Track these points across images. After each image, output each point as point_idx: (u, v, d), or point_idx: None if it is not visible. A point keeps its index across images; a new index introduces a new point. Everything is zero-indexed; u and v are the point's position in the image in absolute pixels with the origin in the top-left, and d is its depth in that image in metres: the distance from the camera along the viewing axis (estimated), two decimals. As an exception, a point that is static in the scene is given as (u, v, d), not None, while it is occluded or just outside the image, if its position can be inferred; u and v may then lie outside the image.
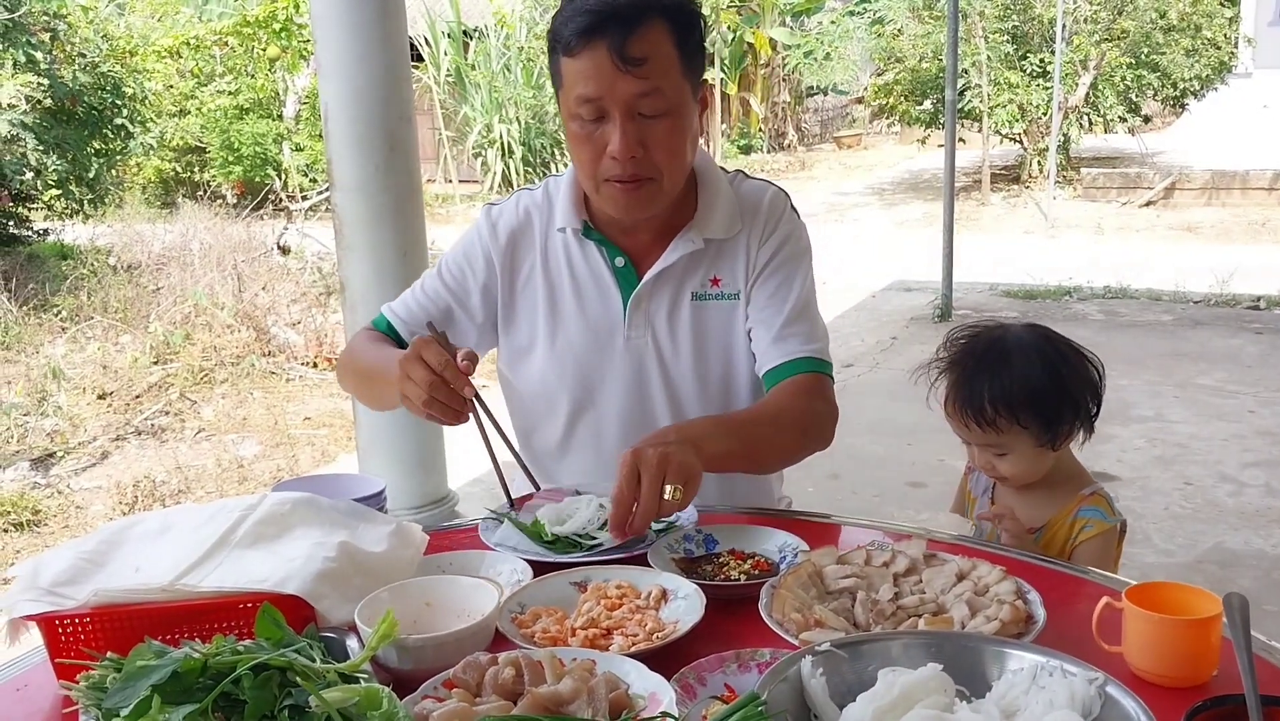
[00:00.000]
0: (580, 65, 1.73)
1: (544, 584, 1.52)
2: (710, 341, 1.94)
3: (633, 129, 1.74)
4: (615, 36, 1.69)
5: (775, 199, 1.98)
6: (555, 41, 1.77)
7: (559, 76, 1.79)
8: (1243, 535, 4.26)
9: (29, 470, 5.31)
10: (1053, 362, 1.84)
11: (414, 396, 1.65)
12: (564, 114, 1.82)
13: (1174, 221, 11.41)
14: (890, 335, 7.49)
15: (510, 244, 1.98)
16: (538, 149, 15.40)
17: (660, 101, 1.74)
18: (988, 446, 1.86)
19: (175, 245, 9.04)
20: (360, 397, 2.16)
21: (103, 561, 1.42)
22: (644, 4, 1.72)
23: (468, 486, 4.56)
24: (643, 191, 1.80)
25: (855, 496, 4.42)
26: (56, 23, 9.29)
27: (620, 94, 1.72)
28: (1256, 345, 6.91)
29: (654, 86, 1.73)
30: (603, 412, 1.96)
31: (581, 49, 1.72)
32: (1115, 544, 1.89)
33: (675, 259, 1.90)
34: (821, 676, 1.15)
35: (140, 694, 1.07)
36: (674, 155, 1.80)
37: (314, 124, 12.29)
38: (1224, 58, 13.42)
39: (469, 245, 2.01)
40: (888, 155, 18.07)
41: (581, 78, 1.73)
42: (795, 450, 1.90)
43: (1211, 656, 1.28)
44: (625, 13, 1.71)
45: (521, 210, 1.99)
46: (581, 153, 1.80)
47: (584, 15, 1.71)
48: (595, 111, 1.74)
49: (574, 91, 1.75)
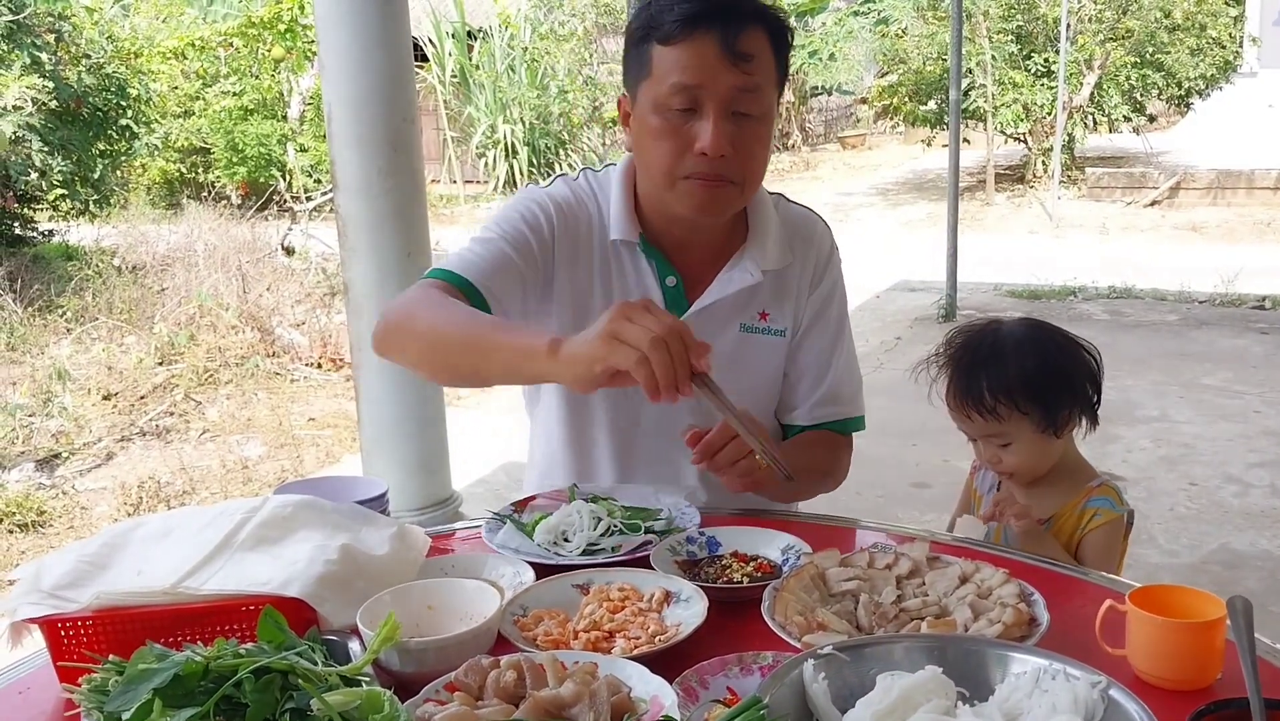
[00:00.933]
0: (681, 53, 1.68)
1: (546, 586, 1.51)
2: (750, 375, 1.91)
3: (726, 126, 1.68)
4: (725, 28, 1.66)
5: (824, 235, 1.97)
6: (649, 29, 1.71)
7: (646, 65, 1.72)
8: (1248, 536, 4.25)
9: (34, 471, 5.32)
10: (1047, 349, 1.89)
11: (636, 339, 1.33)
12: (644, 106, 1.73)
13: (1179, 221, 11.40)
14: (895, 335, 7.48)
15: (569, 232, 1.86)
16: (542, 149, 15.41)
17: (759, 102, 1.71)
18: (991, 438, 1.88)
19: (180, 246, 9.05)
20: (432, 365, 1.71)
21: (105, 564, 1.42)
22: (750, 7, 1.70)
23: (471, 488, 4.56)
24: (723, 192, 1.73)
25: (859, 498, 4.42)
26: (61, 24, 9.31)
27: (722, 85, 1.67)
28: (1262, 345, 6.90)
29: (756, 84, 1.69)
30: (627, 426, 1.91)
31: (685, 37, 1.67)
32: (1123, 534, 1.91)
33: (731, 291, 1.86)
34: (824, 681, 1.14)
35: (142, 697, 1.07)
36: (758, 163, 1.76)
37: (318, 125, 12.29)
38: (1229, 57, 13.42)
39: (526, 210, 1.85)
40: (892, 155, 18.06)
41: (680, 66, 1.67)
42: (812, 490, 1.99)
43: (1215, 660, 1.27)
44: (734, 6, 1.68)
45: (576, 200, 1.89)
46: (661, 146, 1.72)
47: (690, 3, 1.67)
48: (688, 101, 1.68)
49: (669, 80, 1.68)
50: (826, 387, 1.94)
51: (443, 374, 1.78)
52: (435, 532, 1.78)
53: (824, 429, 1.96)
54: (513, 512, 1.78)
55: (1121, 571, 1.90)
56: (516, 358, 1.51)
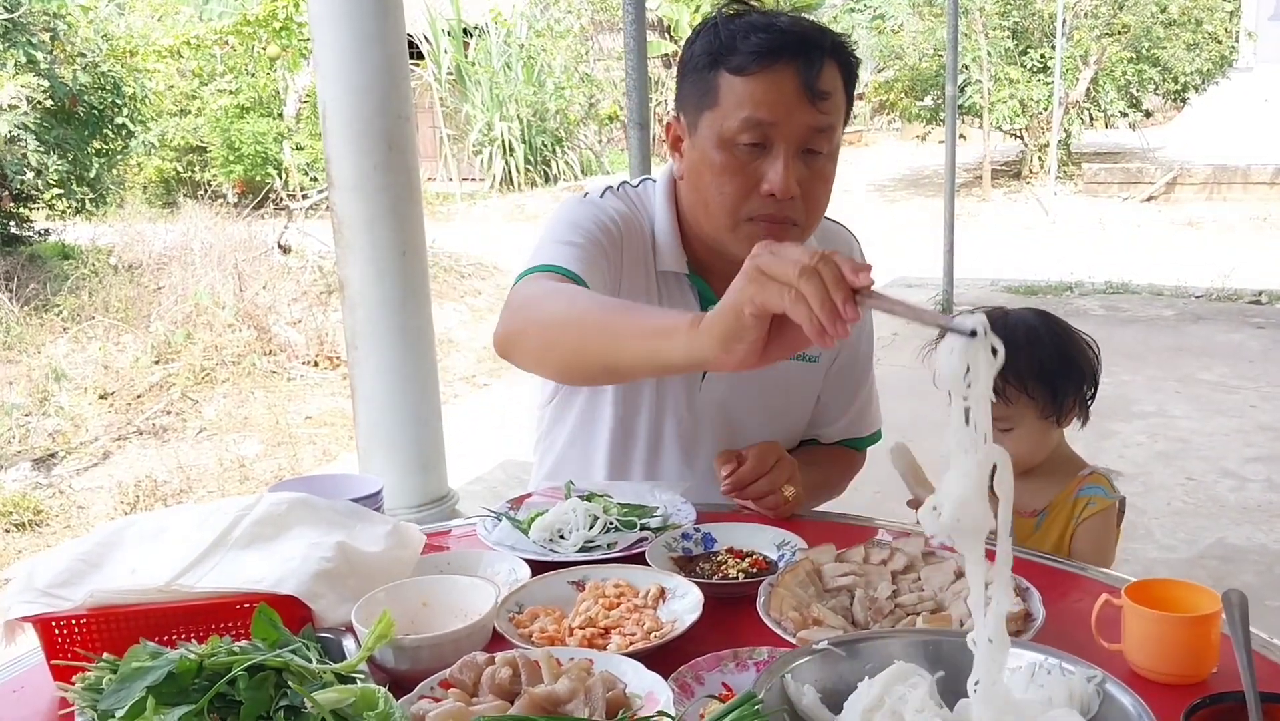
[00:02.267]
0: (757, 87, 1.58)
1: (541, 583, 1.51)
2: (783, 400, 1.91)
3: (797, 166, 1.61)
4: (805, 64, 1.57)
5: (852, 253, 1.94)
6: (719, 55, 1.61)
7: (712, 94, 1.62)
8: (1244, 530, 4.26)
9: (31, 470, 5.32)
10: (1058, 337, 1.92)
11: (784, 275, 1.10)
12: (706, 137, 1.63)
13: (1175, 216, 11.41)
14: (891, 331, 7.48)
15: (630, 247, 1.78)
16: (538, 147, 15.40)
17: (831, 140, 1.64)
18: (995, 421, 1.88)
19: (176, 245, 9.04)
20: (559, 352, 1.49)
21: (99, 562, 1.42)
22: (826, 41, 1.62)
23: (468, 485, 4.56)
24: (786, 236, 1.61)
25: (854, 493, 4.41)
26: (56, 23, 9.28)
27: (798, 124, 1.60)
28: (1258, 340, 6.90)
29: (831, 123, 1.62)
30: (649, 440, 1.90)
31: (761, 69, 1.58)
32: (1115, 522, 1.94)
33: None
34: (809, 688, 1.14)
35: (136, 695, 1.07)
36: (822, 202, 1.70)
37: (314, 123, 12.28)
38: (1225, 52, 13.42)
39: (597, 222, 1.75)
40: (888, 151, 18.04)
41: (755, 100, 1.58)
42: (827, 496, 2.05)
43: (1211, 653, 1.27)
44: (814, 40, 1.60)
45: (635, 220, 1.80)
46: (725, 183, 1.63)
47: (768, 33, 1.58)
48: (759, 138, 1.60)
49: (740, 114, 1.59)
50: (854, 413, 2.00)
51: (569, 364, 1.52)
52: (431, 530, 1.77)
53: (841, 445, 2.03)
54: (508, 510, 1.78)
55: (1115, 560, 1.92)
56: (655, 338, 1.30)
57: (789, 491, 1.71)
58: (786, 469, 1.72)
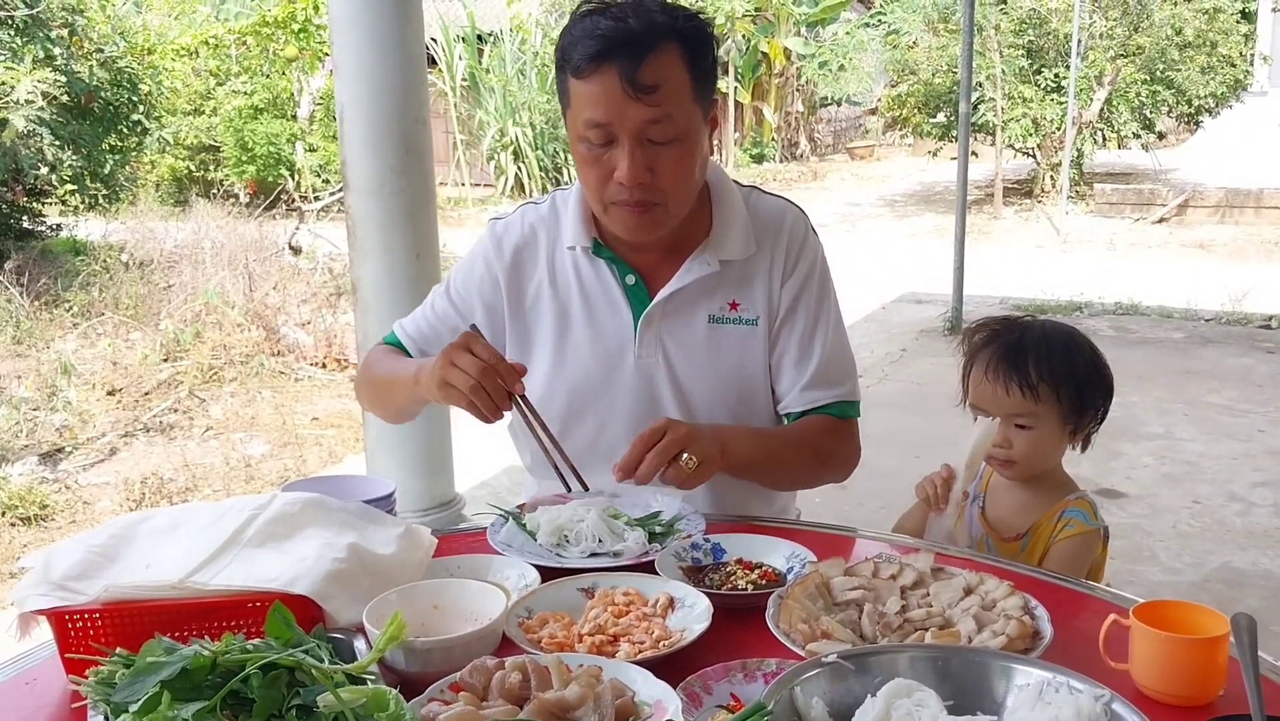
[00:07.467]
0: (589, 89, 1.70)
1: (552, 589, 1.52)
2: (727, 365, 1.92)
3: (641, 155, 1.72)
4: (627, 63, 1.66)
5: (796, 222, 1.96)
6: (564, 61, 1.74)
7: (566, 96, 1.76)
8: (1250, 555, 4.25)
9: (38, 464, 5.33)
10: (1092, 349, 1.96)
11: (459, 383, 1.65)
12: (571, 134, 1.79)
13: (1187, 239, 11.39)
14: (900, 347, 7.48)
15: (515, 261, 1.96)
16: (551, 153, 15.43)
17: (670, 128, 1.72)
18: (1016, 416, 1.89)
19: (187, 243, 9.07)
20: (376, 409, 2.14)
21: (114, 556, 1.43)
22: (657, 28, 1.70)
23: (475, 490, 4.57)
24: (650, 215, 1.78)
25: (862, 508, 4.41)
26: (75, 19, 9.32)
27: (630, 121, 1.70)
28: (1267, 364, 6.89)
29: (665, 113, 1.71)
30: (612, 431, 1.93)
31: (591, 73, 1.69)
32: (1096, 549, 1.93)
33: (689, 281, 1.88)
34: (818, 701, 1.14)
35: (149, 690, 1.08)
36: (682, 180, 1.79)
37: (328, 125, 12.32)
38: (1239, 75, 13.40)
39: (473, 263, 1.99)
40: (900, 167, 18.06)
41: (590, 102, 1.71)
42: (810, 477, 2.02)
43: (1218, 676, 1.28)
44: (638, 37, 1.68)
45: (527, 226, 1.97)
46: (589, 174, 1.78)
47: (594, 39, 1.68)
48: (604, 136, 1.72)
49: (582, 115, 1.72)
50: (812, 370, 1.93)
51: (389, 415, 2.12)
52: (440, 533, 1.78)
53: (820, 414, 1.95)
54: (518, 512, 1.79)
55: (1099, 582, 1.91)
56: (409, 386, 1.85)
57: (686, 461, 1.68)
58: (679, 440, 1.69)
